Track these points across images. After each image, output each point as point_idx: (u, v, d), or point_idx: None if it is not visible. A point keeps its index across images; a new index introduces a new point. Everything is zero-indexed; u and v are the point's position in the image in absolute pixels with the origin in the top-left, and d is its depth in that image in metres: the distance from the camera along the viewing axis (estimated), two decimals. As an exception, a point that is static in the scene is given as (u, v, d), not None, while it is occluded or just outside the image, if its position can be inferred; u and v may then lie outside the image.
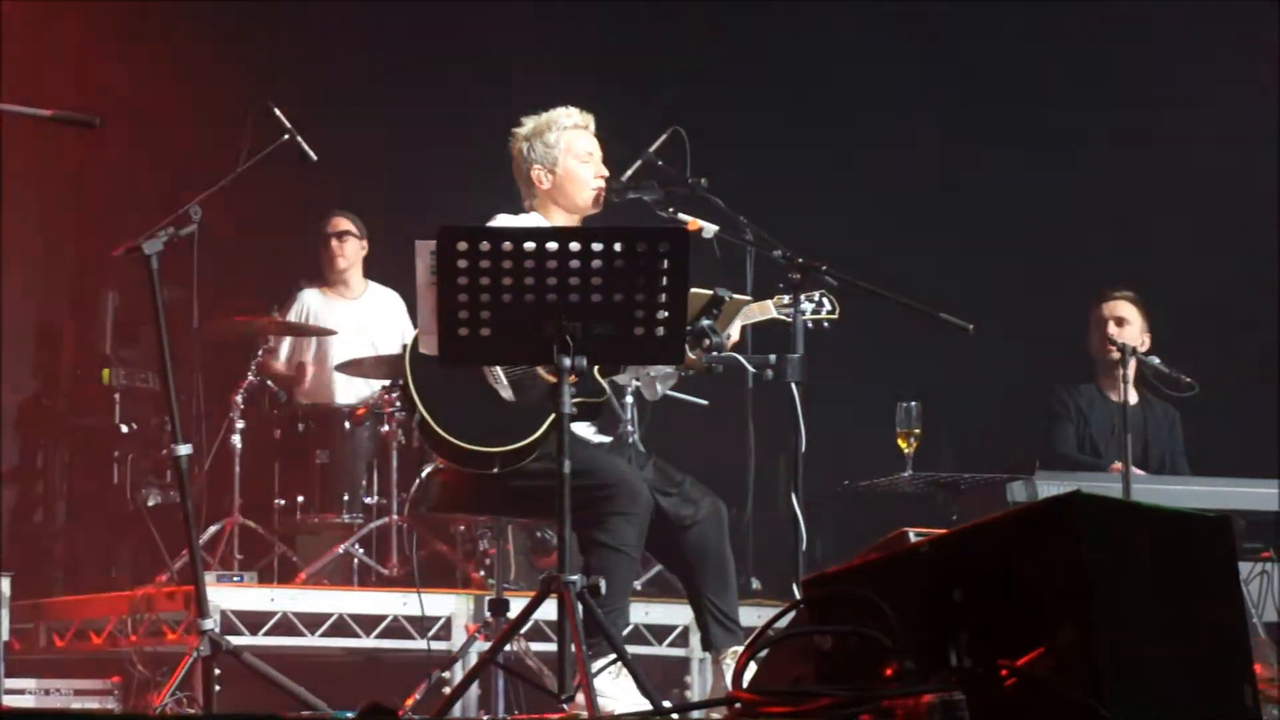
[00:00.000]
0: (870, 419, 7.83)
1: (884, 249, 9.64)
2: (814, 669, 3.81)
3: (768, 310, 6.52)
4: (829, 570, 3.93)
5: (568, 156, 6.59)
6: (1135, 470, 7.94)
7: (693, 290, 5.99)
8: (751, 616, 7.49)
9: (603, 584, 5.47)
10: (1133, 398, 8.52)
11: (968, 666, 3.62)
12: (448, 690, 6.61)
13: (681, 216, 6.40)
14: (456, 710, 7.23)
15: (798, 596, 5.34)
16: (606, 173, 6.63)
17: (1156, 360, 7.93)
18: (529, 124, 6.67)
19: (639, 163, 6.89)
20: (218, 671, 6.97)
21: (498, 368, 6.16)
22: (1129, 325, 8.49)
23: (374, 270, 9.61)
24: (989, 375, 9.67)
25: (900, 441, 7.22)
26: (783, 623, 4.25)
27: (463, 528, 8.75)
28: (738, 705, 3.62)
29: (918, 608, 3.70)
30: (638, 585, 8.67)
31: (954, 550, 3.74)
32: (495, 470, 6.25)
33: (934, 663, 3.64)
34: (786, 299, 6.43)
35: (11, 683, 7.74)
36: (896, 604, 3.69)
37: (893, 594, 3.72)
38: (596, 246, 5.21)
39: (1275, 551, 7.70)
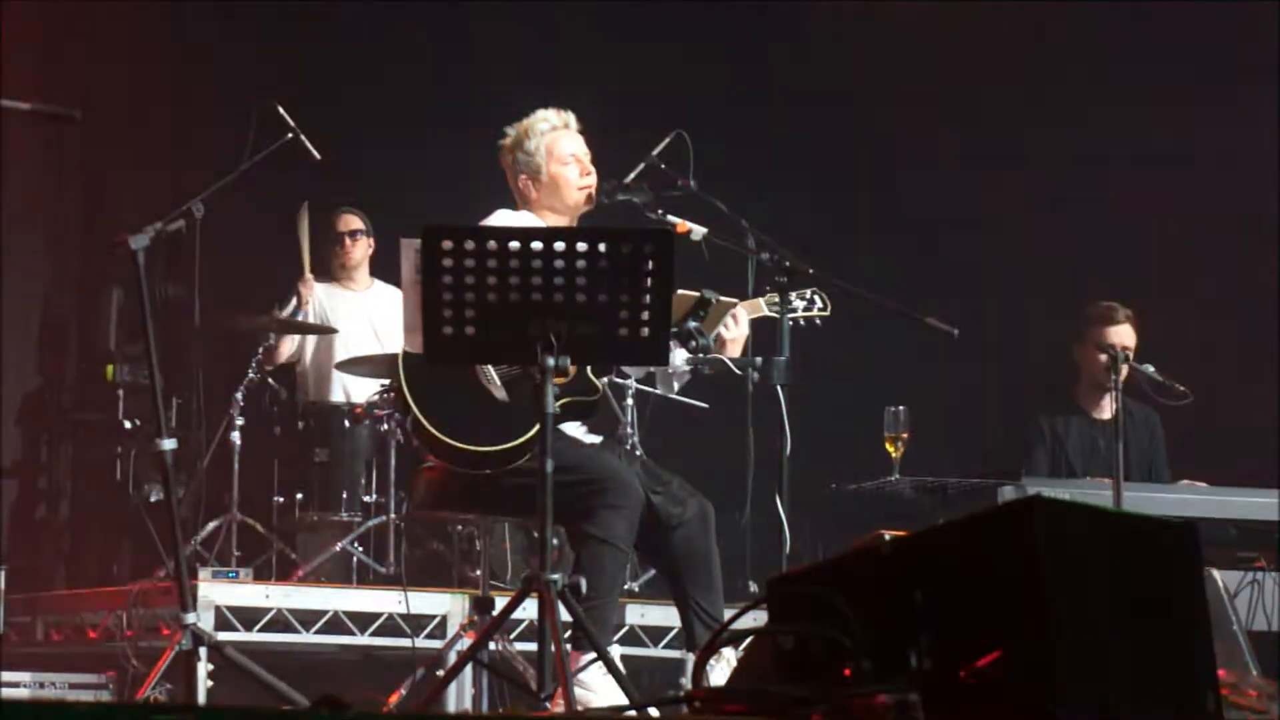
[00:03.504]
0: (863, 422, 7.83)
1: (869, 254, 9.66)
2: (776, 668, 3.83)
3: (759, 308, 6.53)
4: (793, 570, 3.94)
5: (550, 162, 6.59)
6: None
7: (680, 292, 6.02)
8: (745, 619, 7.48)
9: (584, 583, 5.49)
10: (1112, 408, 8.50)
11: (927, 668, 3.63)
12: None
13: (670, 218, 6.40)
14: (450, 708, 7.27)
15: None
16: (593, 170, 6.63)
17: (1150, 369, 7.88)
18: (510, 134, 6.69)
19: (641, 166, 6.89)
20: (210, 667, 7.00)
21: (489, 367, 6.18)
22: (1129, 351, 8.39)
23: (377, 270, 9.65)
24: (987, 380, 9.69)
25: (888, 445, 7.23)
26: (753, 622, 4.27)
27: (460, 527, 8.77)
28: (696, 704, 3.64)
29: (879, 608, 3.71)
30: (634, 587, 8.69)
31: (915, 552, 3.75)
32: (488, 471, 6.26)
33: (894, 663, 3.65)
34: (778, 297, 6.43)
35: (7, 675, 7.78)
36: (858, 604, 3.70)
37: (855, 594, 3.73)
38: (581, 247, 5.22)
39: (1268, 561, 7.68)
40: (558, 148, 6.61)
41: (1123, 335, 8.46)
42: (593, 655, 5.98)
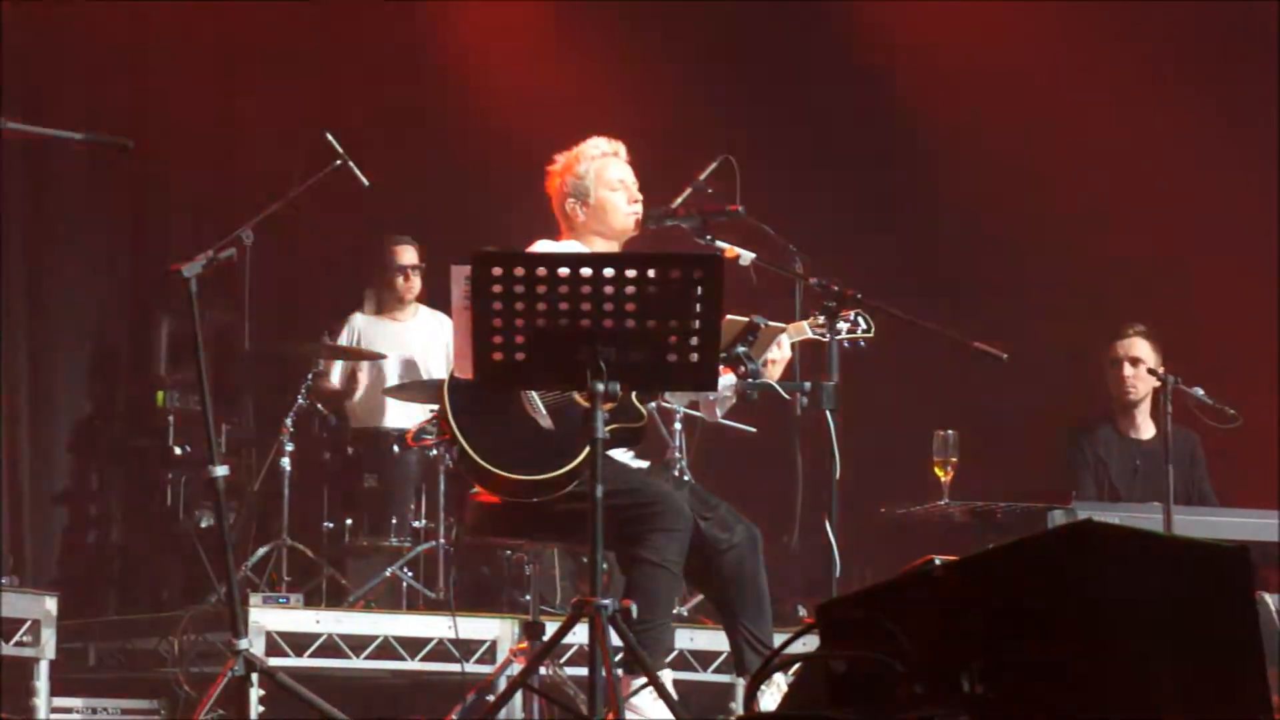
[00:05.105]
0: (912, 447, 7.83)
1: (920, 279, 9.66)
2: (827, 693, 3.82)
3: (803, 331, 6.53)
4: (844, 594, 3.94)
5: (599, 186, 6.62)
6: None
7: (729, 317, 6.02)
8: (795, 644, 7.49)
9: (634, 608, 5.49)
10: (1151, 430, 8.50)
11: (979, 692, 3.62)
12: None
13: (718, 244, 6.42)
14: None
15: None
16: (640, 198, 6.66)
17: (1200, 391, 7.86)
18: (559, 160, 6.73)
19: (688, 191, 6.90)
20: (261, 693, 7.03)
21: (535, 396, 6.19)
22: (1143, 364, 8.48)
23: (424, 294, 9.67)
24: (1035, 403, 9.67)
25: (937, 470, 7.24)
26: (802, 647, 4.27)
27: (509, 552, 8.79)
28: (748, 728, 3.65)
29: (930, 633, 3.70)
30: (683, 611, 8.69)
31: (966, 576, 3.74)
32: (536, 499, 6.27)
33: (946, 688, 3.64)
34: (822, 319, 6.43)
35: (59, 701, 7.82)
36: (910, 629, 3.70)
37: (907, 619, 3.72)
38: (630, 272, 5.22)
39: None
40: (607, 173, 6.64)
41: (1130, 348, 8.55)
42: (644, 680, 5.98)
